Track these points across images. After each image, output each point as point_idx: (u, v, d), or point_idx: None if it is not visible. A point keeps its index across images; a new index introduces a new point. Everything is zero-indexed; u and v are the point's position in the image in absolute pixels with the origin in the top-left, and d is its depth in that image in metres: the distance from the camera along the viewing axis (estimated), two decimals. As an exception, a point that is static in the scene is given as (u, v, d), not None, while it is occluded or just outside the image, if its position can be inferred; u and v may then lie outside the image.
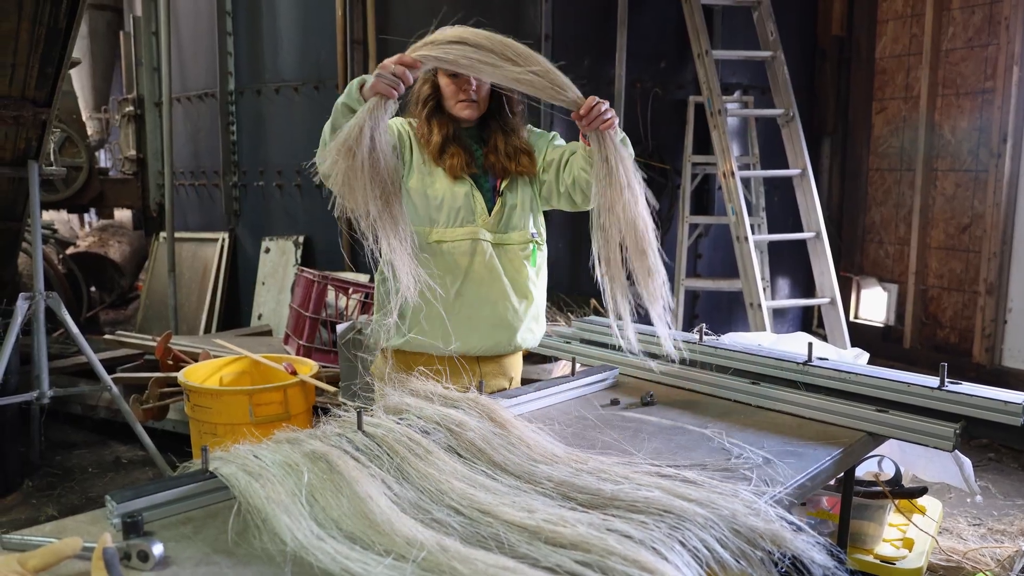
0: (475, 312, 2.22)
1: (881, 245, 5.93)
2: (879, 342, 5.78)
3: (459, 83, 2.16)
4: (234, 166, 5.72)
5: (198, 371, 3.41)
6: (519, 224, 2.26)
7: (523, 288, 2.27)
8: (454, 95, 2.18)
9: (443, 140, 2.18)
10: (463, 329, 2.20)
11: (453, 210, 2.19)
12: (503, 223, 2.23)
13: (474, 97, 2.18)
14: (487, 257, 2.20)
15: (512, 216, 2.25)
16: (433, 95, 2.21)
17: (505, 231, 2.23)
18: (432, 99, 2.21)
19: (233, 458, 1.44)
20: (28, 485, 4.03)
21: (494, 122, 2.25)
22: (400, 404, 1.71)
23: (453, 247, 2.19)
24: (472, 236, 2.19)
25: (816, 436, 1.81)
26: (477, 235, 2.19)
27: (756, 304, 4.52)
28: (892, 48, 5.76)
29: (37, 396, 3.76)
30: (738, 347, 2.25)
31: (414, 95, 2.24)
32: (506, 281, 2.24)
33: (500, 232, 2.23)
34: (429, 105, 2.21)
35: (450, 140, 2.19)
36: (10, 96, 3.08)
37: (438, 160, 2.18)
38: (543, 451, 1.62)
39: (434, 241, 2.19)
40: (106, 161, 12.10)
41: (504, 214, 2.23)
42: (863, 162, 6.01)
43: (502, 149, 2.23)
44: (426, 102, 2.21)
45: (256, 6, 5.50)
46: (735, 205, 4.64)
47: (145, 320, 6.27)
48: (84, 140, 6.49)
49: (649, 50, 5.16)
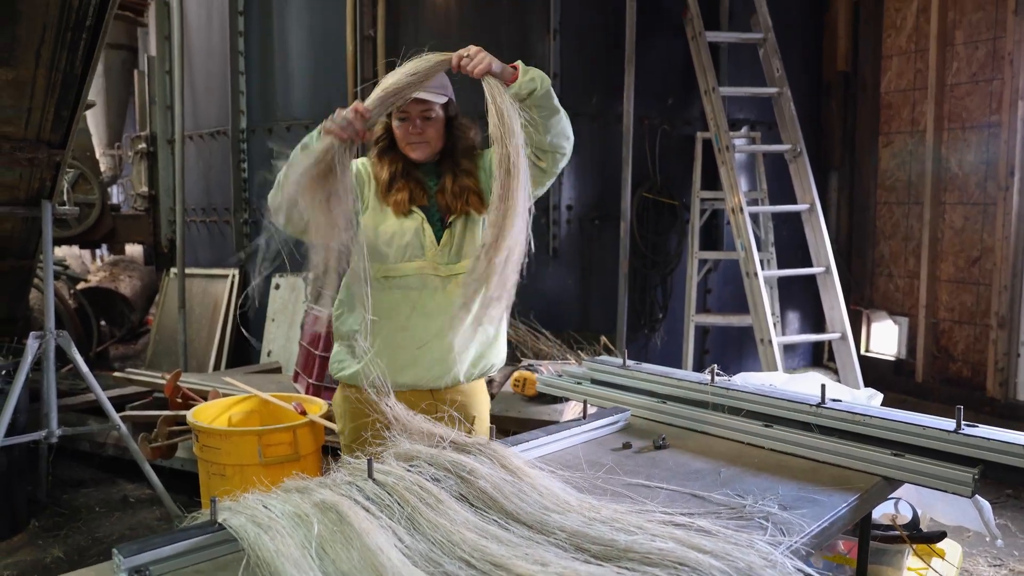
0: (423, 345, 2.23)
1: (891, 278, 5.91)
2: (890, 376, 5.74)
3: (405, 125, 2.21)
4: (245, 203, 5.77)
5: (207, 410, 3.40)
6: (469, 252, 2.25)
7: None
8: (404, 137, 2.23)
9: (390, 177, 2.24)
10: (410, 362, 2.23)
11: (401, 246, 2.21)
12: (453, 253, 2.25)
13: (418, 140, 2.21)
14: (435, 291, 2.23)
15: (463, 245, 2.26)
16: (385, 135, 2.27)
17: (456, 261, 2.25)
18: (384, 139, 2.27)
19: (242, 508, 1.43)
20: (35, 525, 4.01)
21: (447, 160, 2.29)
22: (411, 450, 1.70)
23: (402, 282, 2.22)
24: (420, 271, 2.22)
25: (831, 481, 1.79)
26: (425, 269, 2.22)
27: (767, 340, 4.50)
28: (897, 83, 5.80)
29: (46, 435, 3.77)
30: (750, 388, 2.23)
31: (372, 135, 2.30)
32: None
33: (451, 263, 2.24)
34: (380, 144, 2.28)
35: (398, 176, 2.23)
36: (26, 138, 3.13)
37: (385, 196, 2.24)
38: (555, 499, 1.60)
39: (383, 277, 2.22)
40: (118, 197, 12.24)
41: (453, 244, 2.25)
42: (871, 195, 6.01)
43: (449, 188, 2.25)
44: (378, 141, 2.29)
45: (268, 46, 5.58)
46: (744, 241, 4.65)
47: (155, 356, 6.28)
48: (97, 177, 6.56)
49: (657, 87, 5.20)
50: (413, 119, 2.20)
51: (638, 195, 5.13)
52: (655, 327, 5.31)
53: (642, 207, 5.18)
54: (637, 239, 5.15)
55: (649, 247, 5.25)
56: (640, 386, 2.40)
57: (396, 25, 5.12)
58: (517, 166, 1.96)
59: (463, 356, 2.28)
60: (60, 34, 2.50)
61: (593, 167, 5.19)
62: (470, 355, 2.30)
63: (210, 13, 5.87)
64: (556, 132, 2.18)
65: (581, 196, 5.17)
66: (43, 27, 2.43)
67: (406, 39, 5.13)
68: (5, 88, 2.73)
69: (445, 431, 1.74)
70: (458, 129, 2.29)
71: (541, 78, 2.09)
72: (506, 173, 1.95)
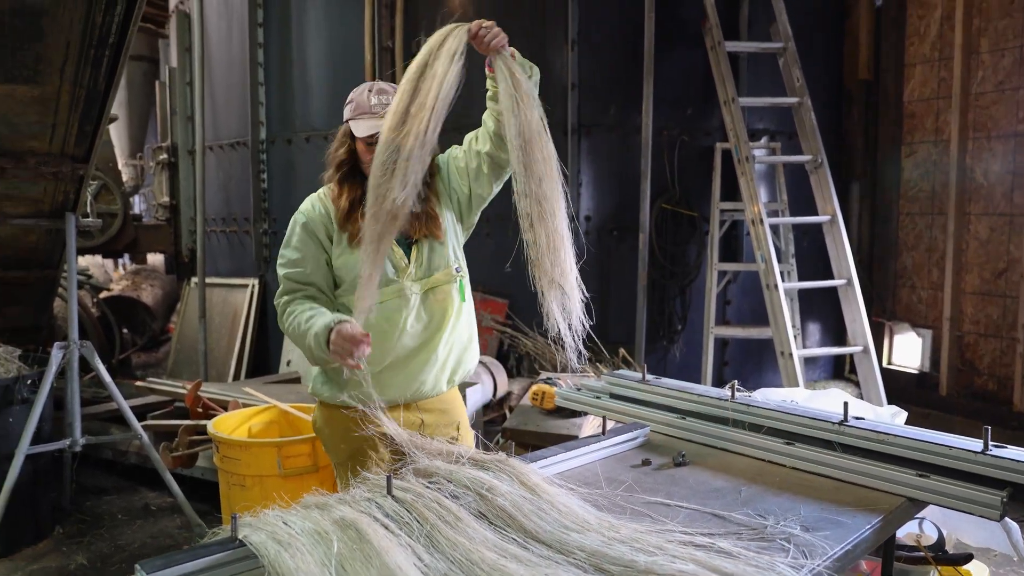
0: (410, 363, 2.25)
1: (914, 290, 5.85)
2: (913, 389, 5.67)
3: (374, 149, 2.14)
4: (264, 213, 5.81)
5: (227, 421, 3.42)
6: (440, 263, 2.27)
7: (455, 327, 2.30)
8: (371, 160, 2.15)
9: (350, 205, 2.20)
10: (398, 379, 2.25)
11: None
12: (424, 267, 2.25)
13: None
14: (416, 308, 2.23)
15: (433, 257, 2.26)
16: (349, 160, 2.24)
17: (429, 274, 2.25)
18: (347, 164, 2.24)
19: (263, 525, 1.43)
20: (59, 532, 4.05)
21: None
22: (429, 466, 1.70)
23: (382, 307, 2.20)
24: (398, 292, 2.22)
25: (854, 501, 1.76)
26: (403, 290, 2.22)
27: (787, 353, 4.46)
28: (920, 91, 5.74)
29: (69, 444, 3.82)
30: (771, 405, 2.20)
31: (330, 157, 2.28)
32: (437, 326, 2.27)
33: (425, 277, 2.25)
34: (343, 170, 2.24)
35: (356, 205, 2.19)
36: (50, 153, 3.18)
37: (344, 226, 2.21)
38: (575, 517, 1.59)
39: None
40: (140, 207, 12.38)
41: (424, 258, 2.25)
42: (893, 206, 5.95)
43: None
44: (340, 166, 2.25)
45: (287, 57, 5.62)
46: (764, 252, 4.61)
47: (176, 364, 6.33)
48: (119, 188, 6.63)
49: (675, 98, 5.19)
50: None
51: (657, 206, 5.12)
52: (674, 339, 5.28)
53: (661, 218, 5.16)
54: (656, 250, 5.13)
55: (668, 258, 5.23)
56: (659, 401, 2.39)
57: (414, 36, 5.14)
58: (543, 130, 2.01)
59: (446, 364, 2.31)
60: (83, 51, 2.54)
61: (612, 178, 5.18)
62: (450, 362, 2.32)
63: (230, 25, 5.93)
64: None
65: (599, 207, 5.16)
66: (67, 44, 2.47)
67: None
68: (30, 104, 2.78)
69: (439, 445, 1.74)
70: None
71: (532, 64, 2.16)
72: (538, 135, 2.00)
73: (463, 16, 5.22)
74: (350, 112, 2.23)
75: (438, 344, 2.27)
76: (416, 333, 2.24)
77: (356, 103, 2.22)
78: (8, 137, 3.07)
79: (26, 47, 2.46)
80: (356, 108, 2.21)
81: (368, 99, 2.20)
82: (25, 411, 3.64)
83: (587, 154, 5.12)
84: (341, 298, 2.25)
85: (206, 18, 6.08)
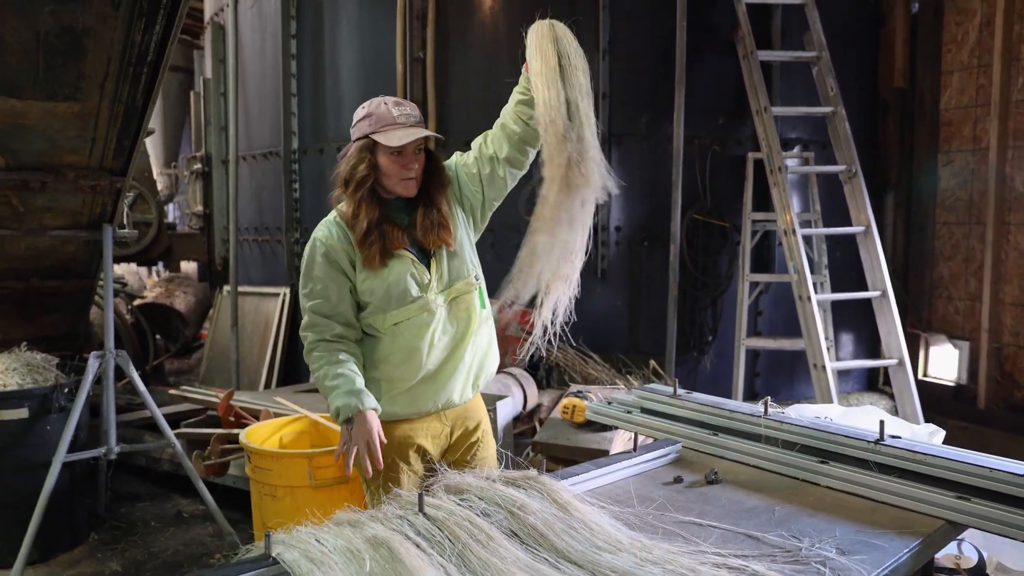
0: (440, 373, 2.27)
1: (950, 301, 5.74)
2: (950, 401, 5.57)
3: (403, 160, 2.16)
4: (296, 223, 5.86)
5: (259, 431, 3.45)
6: (460, 272, 2.28)
7: (477, 333, 2.32)
8: (398, 173, 2.18)
9: (367, 227, 2.17)
10: (430, 391, 2.27)
11: (400, 292, 2.20)
12: (445, 279, 2.25)
13: (414, 175, 2.19)
14: (442, 320, 2.24)
15: (452, 268, 2.27)
16: (370, 175, 2.18)
17: (451, 285, 2.26)
18: (368, 180, 2.18)
19: (296, 542, 1.44)
20: (94, 538, 4.11)
21: (421, 194, 2.25)
22: (461, 483, 1.70)
23: (410, 324, 2.21)
24: (424, 307, 2.22)
25: (891, 523, 1.73)
26: (428, 304, 2.22)
27: (820, 366, 4.40)
28: (958, 99, 5.65)
29: (105, 451, 3.88)
30: (805, 422, 2.17)
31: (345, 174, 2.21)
32: (462, 335, 2.28)
33: (447, 288, 2.26)
34: (365, 187, 2.18)
35: (374, 226, 2.17)
36: (89, 166, 3.24)
37: (363, 247, 2.18)
38: (606, 536, 1.58)
39: (392, 325, 2.22)
40: (174, 214, 12.56)
41: (444, 271, 2.25)
42: (929, 215, 5.86)
43: (419, 223, 2.23)
44: (361, 184, 2.18)
45: (320, 68, 5.68)
46: (797, 264, 4.56)
47: (208, 372, 6.40)
48: (155, 197, 6.74)
49: (707, 107, 5.16)
50: (409, 153, 2.17)
51: (688, 216, 5.08)
52: (704, 350, 5.23)
53: (692, 228, 5.13)
54: (687, 261, 5.10)
55: (699, 269, 5.19)
56: (691, 416, 2.37)
57: (445, 47, 5.18)
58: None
59: (471, 371, 2.32)
60: (123, 68, 2.59)
61: (642, 188, 5.16)
62: (474, 368, 2.34)
63: (264, 37, 6.00)
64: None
65: (630, 217, 5.14)
66: (107, 62, 2.52)
67: (454, 61, 5.19)
68: (70, 120, 2.84)
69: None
70: (435, 162, 2.27)
71: None
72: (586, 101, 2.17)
73: (493, 28, 5.24)
74: (370, 126, 2.17)
75: (464, 352, 2.29)
76: (444, 345, 2.26)
77: (376, 116, 2.17)
78: (48, 152, 3.14)
79: (68, 65, 2.52)
80: (378, 121, 2.16)
81: (390, 111, 2.18)
82: (62, 419, 3.71)
83: (618, 164, 5.11)
84: (367, 319, 2.25)
85: (240, 30, 6.16)
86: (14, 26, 2.28)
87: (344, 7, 5.54)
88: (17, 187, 3.33)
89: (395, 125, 2.16)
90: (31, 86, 2.62)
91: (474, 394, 2.38)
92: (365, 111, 2.22)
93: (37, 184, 3.29)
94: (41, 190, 3.34)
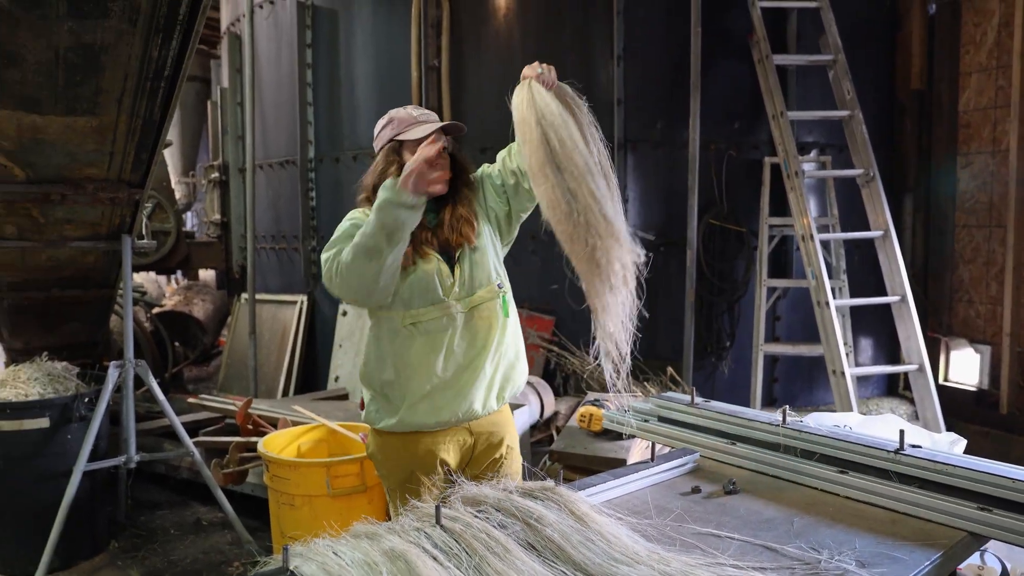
0: (458, 381, 2.24)
1: (971, 304, 5.68)
2: (971, 406, 5.50)
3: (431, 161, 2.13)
4: (313, 231, 5.90)
5: (277, 440, 3.47)
6: (483, 279, 2.26)
7: (500, 343, 2.29)
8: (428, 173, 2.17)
9: None
10: (450, 400, 2.23)
11: (423, 291, 2.20)
12: (468, 285, 2.24)
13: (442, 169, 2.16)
14: (461, 327, 2.22)
15: (475, 276, 2.25)
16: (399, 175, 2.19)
17: (472, 291, 2.25)
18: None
19: (313, 555, 1.44)
20: (115, 546, 4.14)
21: (448, 195, 2.24)
22: (478, 494, 1.69)
23: (429, 325, 2.21)
24: (444, 311, 2.21)
25: (912, 535, 1.71)
26: (448, 309, 2.21)
27: (839, 372, 4.36)
28: (977, 101, 5.60)
29: (125, 460, 3.92)
30: (824, 431, 2.16)
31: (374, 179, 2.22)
32: (483, 343, 2.25)
33: (469, 295, 2.24)
34: None
35: None
36: (107, 179, 3.29)
37: None
38: (624, 548, 1.57)
39: (410, 323, 2.21)
40: (192, 222, 12.67)
41: (467, 277, 2.24)
42: (949, 218, 5.80)
43: (447, 221, 2.24)
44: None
45: (335, 78, 5.72)
46: (815, 269, 4.53)
47: (226, 379, 6.45)
48: (173, 206, 6.80)
49: (722, 111, 5.14)
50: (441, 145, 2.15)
51: (704, 222, 5.06)
52: (722, 355, 5.21)
53: (709, 234, 5.11)
54: (704, 266, 5.08)
55: (716, 274, 5.17)
56: (709, 425, 2.36)
57: (460, 55, 5.20)
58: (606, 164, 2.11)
59: (494, 381, 2.29)
60: (140, 83, 2.63)
61: (658, 193, 5.15)
62: (498, 379, 2.31)
63: (279, 46, 6.05)
64: None
65: (646, 223, 5.13)
66: (124, 77, 2.56)
67: (469, 69, 5.20)
68: (89, 135, 2.88)
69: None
70: (461, 162, 2.28)
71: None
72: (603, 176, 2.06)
73: (508, 35, 5.24)
74: (393, 130, 2.23)
75: (484, 361, 2.26)
76: (462, 352, 2.24)
77: (397, 120, 2.24)
78: (68, 166, 3.19)
79: (86, 81, 2.56)
80: (400, 123, 2.23)
81: (410, 113, 2.25)
82: (83, 428, 3.75)
83: (633, 169, 5.10)
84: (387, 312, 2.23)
85: (256, 40, 6.21)
86: (34, 44, 2.32)
87: (359, 16, 5.58)
88: (38, 200, 3.38)
89: (417, 123, 2.23)
90: (51, 102, 2.66)
91: (499, 406, 2.35)
92: (386, 119, 2.28)
93: (57, 196, 3.34)
94: (61, 202, 3.39)
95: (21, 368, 3.95)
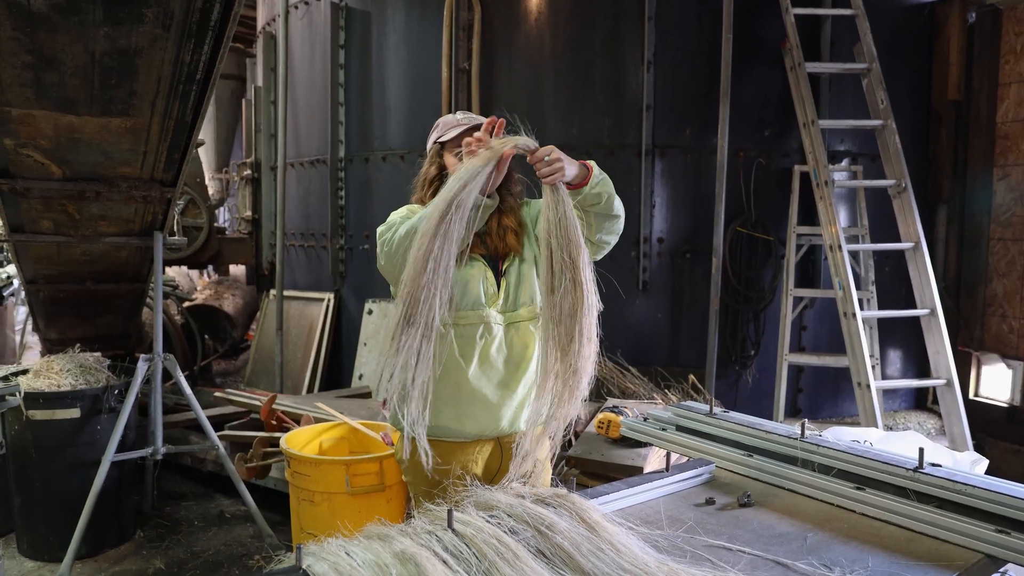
0: (487, 394, 2.23)
1: (1004, 319, 5.58)
2: (1003, 423, 5.40)
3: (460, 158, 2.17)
4: (341, 229, 5.96)
5: (299, 436, 3.52)
6: (526, 300, 2.26)
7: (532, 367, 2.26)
8: None
9: None
10: (476, 412, 2.23)
11: (467, 294, 2.20)
12: (510, 301, 2.24)
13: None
14: (498, 340, 2.22)
15: (519, 293, 2.25)
16: (438, 175, 2.28)
17: (514, 308, 2.24)
18: (436, 180, 2.27)
19: (326, 555, 1.46)
20: (140, 535, 4.23)
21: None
22: (491, 499, 1.71)
23: (467, 330, 2.20)
24: (482, 319, 2.20)
25: (927, 555, 1.70)
26: (487, 318, 2.21)
27: (864, 384, 4.31)
28: (1016, 112, 5.50)
29: (152, 451, 4.00)
30: (842, 446, 2.14)
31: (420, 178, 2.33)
32: (517, 361, 2.25)
33: (510, 311, 2.24)
34: (433, 186, 2.26)
35: None
36: (140, 178, 3.37)
37: None
38: (633, 559, 1.58)
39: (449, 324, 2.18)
40: (224, 217, 12.84)
41: (510, 293, 2.24)
42: (983, 231, 5.70)
43: (494, 230, 2.24)
44: (430, 183, 2.29)
45: (367, 79, 5.77)
46: (842, 280, 4.48)
47: (253, 373, 6.54)
48: (206, 203, 6.91)
49: (752, 119, 5.11)
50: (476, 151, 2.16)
51: (731, 229, 5.03)
52: (746, 364, 5.17)
53: (735, 241, 5.07)
54: (729, 274, 5.05)
55: (742, 282, 5.14)
56: (726, 436, 2.35)
57: (490, 58, 5.22)
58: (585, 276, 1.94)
59: (524, 403, 2.28)
60: (173, 87, 2.69)
61: (686, 200, 5.12)
62: (527, 403, 2.28)
63: (313, 47, 6.12)
64: (607, 229, 2.18)
65: (672, 229, 5.11)
66: (158, 81, 2.62)
67: (500, 72, 5.22)
68: (123, 135, 2.96)
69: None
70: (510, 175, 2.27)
71: (606, 184, 2.09)
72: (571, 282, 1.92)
73: (539, 39, 5.25)
74: (437, 134, 2.35)
75: (519, 383, 2.26)
76: (499, 367, 2.23)
77: (442, 124, 2.35)
78: (103, 164, 3.27)
79: (121, 84, 2.63)
80: (443, 126, 2.33)
81: (454, 116, 2.35)
82: (112, 419, 3.83)
83: (661, 175, 5.09)
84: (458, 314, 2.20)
85: (291, 40, 6.29)
86: (71, 48, 2.38)
87: (391, 19, 5.63)
88: (73, 196, 3.47)
89: (456, 126, 2.30)
90: (87, 103, 2.74)
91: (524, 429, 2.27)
92: (435, 125, 2.38)
93: (92, 194, 3.43)
94: (95, 199, 3.48)
95: (54, 359, 4.05)
